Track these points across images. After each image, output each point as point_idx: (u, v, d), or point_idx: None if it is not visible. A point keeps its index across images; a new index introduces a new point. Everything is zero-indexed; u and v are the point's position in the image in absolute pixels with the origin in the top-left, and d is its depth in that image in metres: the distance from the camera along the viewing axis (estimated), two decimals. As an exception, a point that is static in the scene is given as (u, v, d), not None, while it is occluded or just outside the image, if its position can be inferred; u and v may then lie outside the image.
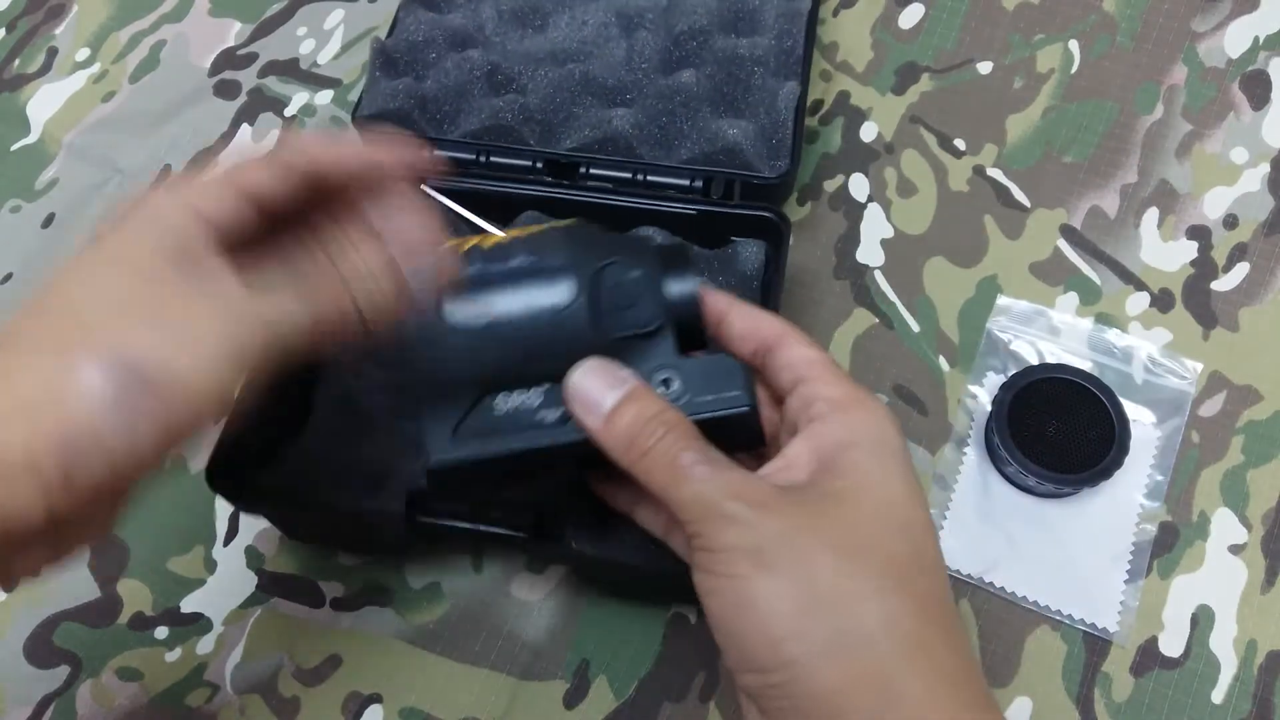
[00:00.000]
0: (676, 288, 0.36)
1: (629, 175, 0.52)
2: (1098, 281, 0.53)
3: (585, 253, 0.35)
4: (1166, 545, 0.47)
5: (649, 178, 0.51)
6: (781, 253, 0.49)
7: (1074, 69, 0.58)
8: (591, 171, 0.52)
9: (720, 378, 0.34)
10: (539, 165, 0.52)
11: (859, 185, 0.56)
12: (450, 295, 0.34)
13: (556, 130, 0.54)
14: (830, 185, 0.56)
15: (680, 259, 0.36)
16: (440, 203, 0.50)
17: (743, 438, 0.35)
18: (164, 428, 0.27)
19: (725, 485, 0.32)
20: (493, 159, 0.52)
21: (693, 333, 0.36)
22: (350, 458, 0.45)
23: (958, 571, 0.47)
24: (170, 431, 0.28)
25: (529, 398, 0.35)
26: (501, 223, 0.50)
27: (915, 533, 0.32)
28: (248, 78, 0.63)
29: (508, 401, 0.35)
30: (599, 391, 0.34)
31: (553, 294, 0.35)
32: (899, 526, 0.32)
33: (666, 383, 0.34)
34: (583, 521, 0.42)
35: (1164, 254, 0.53)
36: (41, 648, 0.49)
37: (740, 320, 0.37)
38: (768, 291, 0.49)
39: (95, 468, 0.27)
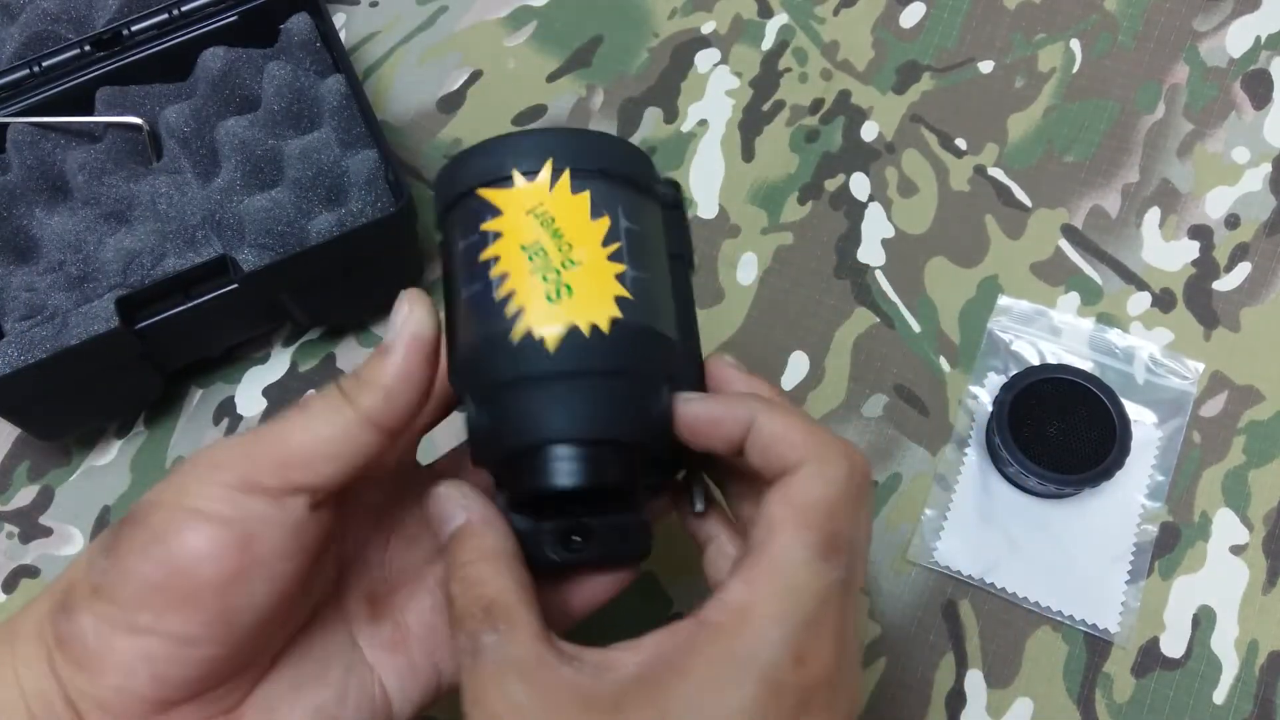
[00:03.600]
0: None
1: (167, 16, 0.55)
2: (1099, 281, 0.53)
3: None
4: (1168, 546, 0.47)
5: (183, 8, 0.55)
6: (325, 15, 0.55)
7: (1075, 68, 0.58)
8: (134, 29, 0.55)
9: None
10: (87, 48, 0.54)
11: (860, 184, 0.56)
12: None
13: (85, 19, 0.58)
14: (831, 184, 0.56)
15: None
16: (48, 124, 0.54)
17: None
18: None
19: (533, 698, 0.26)
20: (44, 64, 0.54)
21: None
22: None
23: (959, 572, 0.47)
24: None
25: None
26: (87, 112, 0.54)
27: None
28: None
29: None
30: (445, 515, 0.31)
31: None
32: None
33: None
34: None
35: (1165, 254, 0.53)
36: (41, 649, 0.48)
37: (764, 433, 0.29)
38: (334, 54, 0.55)
39: None
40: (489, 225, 0.30)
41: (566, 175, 0.30)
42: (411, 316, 0.30)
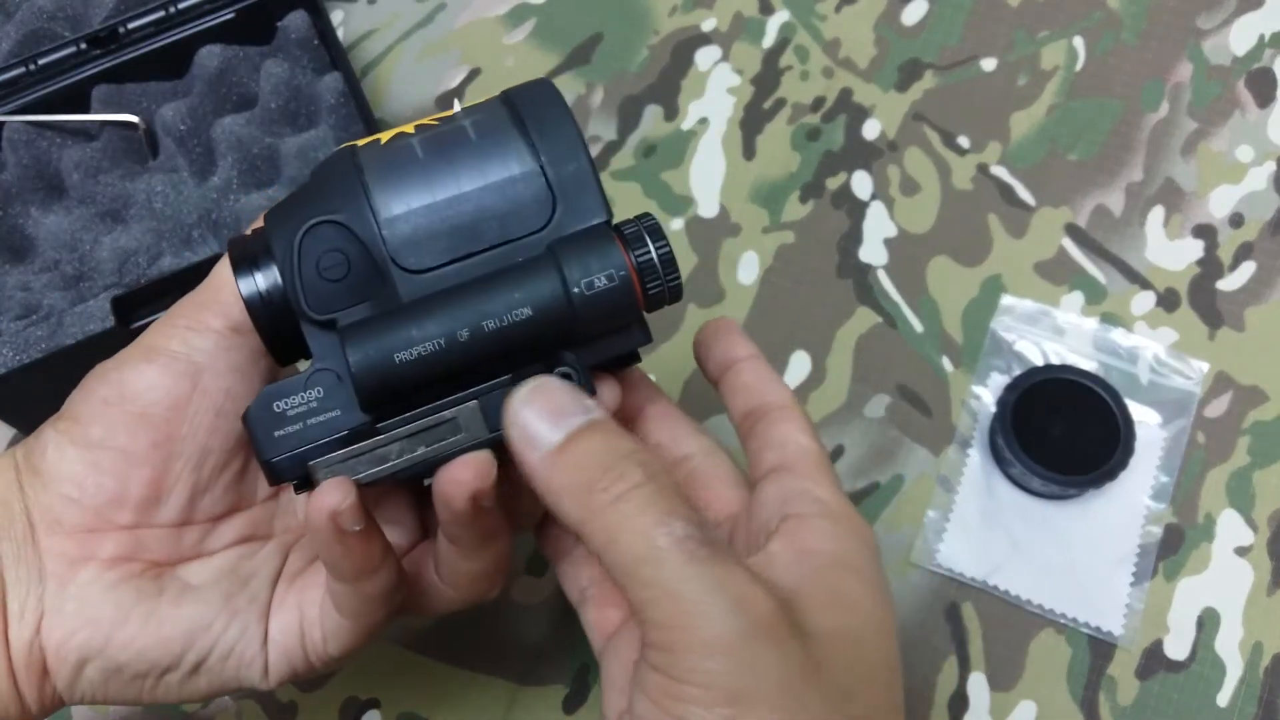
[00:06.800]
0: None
1: (163, 13, 0.55)
2: (1103, 281, 0.52)
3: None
4: (1172, 547, 0.47)
5: (179, 5, 0.55)
6: (322, 13, 0.55)
7: (1079, 66, 0.58)
8: (130, 27, 0.55)
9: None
10: (83, 46, 0.54)
11: (861, 183, 0.56)
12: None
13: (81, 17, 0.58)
14: (832, 183, 0.56)
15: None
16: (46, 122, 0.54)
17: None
18: None
19: (725, 585, 0.24)
20: (40, 62, 0.54)
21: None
22: None
23: (961, 574, 0.47)
24: None
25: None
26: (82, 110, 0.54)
27: (893, 682, 0.28)
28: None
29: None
30: (550, 415, 0.27)
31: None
32: (885, 679, 0.28)
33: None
34: None
35: (1170, 253, 0.53)
36: (36, 651, 0.48)
37: (751, 374, 0.33)
38: (332, 52, 0.54)
39: None
40: None
41: (495, 101, 0.35)
42: None
